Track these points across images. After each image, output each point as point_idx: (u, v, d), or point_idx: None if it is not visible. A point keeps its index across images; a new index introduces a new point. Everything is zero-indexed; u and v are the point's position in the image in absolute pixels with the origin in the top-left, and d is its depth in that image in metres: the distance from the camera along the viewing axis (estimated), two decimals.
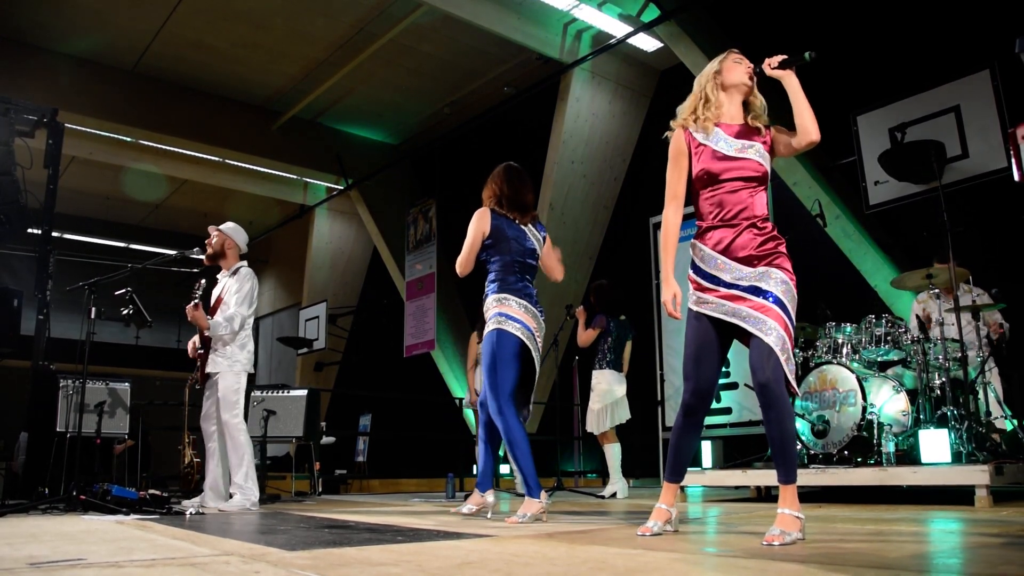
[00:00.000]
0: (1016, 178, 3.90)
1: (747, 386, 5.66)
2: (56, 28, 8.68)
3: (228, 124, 10.61)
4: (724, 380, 6.26)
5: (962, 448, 3.93)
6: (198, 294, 4.58)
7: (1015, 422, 4.51)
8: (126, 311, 4.84)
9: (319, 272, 13.32)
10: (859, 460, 4.22)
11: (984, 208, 5.77)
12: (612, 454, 5.63)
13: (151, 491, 4.29)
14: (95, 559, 2.01)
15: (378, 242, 12.00)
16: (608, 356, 5.66)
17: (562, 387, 8.45)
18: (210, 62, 9.56)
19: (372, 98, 10.51)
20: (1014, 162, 3.98)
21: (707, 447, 5.85)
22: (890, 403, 4.38)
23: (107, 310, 4.78)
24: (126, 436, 6.57)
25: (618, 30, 8.21)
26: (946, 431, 3.93)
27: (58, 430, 5.42)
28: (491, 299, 3.44)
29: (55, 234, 5.55)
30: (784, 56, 2.48)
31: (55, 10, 8.31)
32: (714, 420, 6.33)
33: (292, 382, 12.88)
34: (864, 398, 4.26)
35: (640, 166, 9.23)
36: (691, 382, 2.46)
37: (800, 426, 4.45)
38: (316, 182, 12.56)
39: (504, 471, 8.12)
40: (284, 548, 2.23)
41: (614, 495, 5.50)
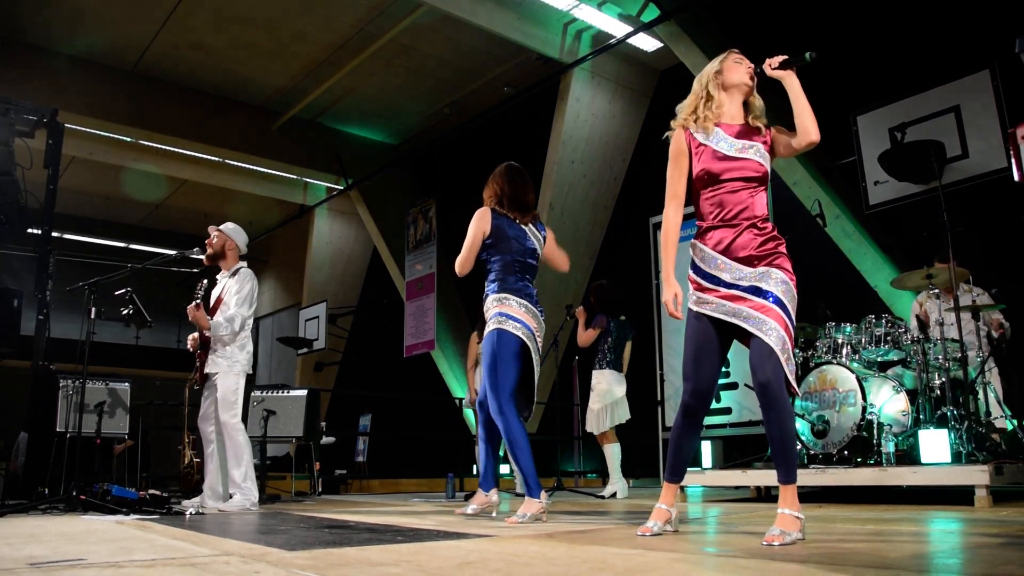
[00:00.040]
0: (1016, 178, 3.91)
1: (747, 386, 5.66)
2: (56, 28, 8.68)
3: (228, 124, 10.61)
4: (724, 380, 6.26)
5: (962, 448, 3.93)
6: (200, 294, 4.58)
7: (1015, 422, 4.51)
8: (126, 311, 4.85)
9: (319, 272, 13.32)
10: (859, 460, 4.22)
11: (984, 208, 5.77)
12: (612, 454, 5.64)
13: (151, 491, 4.29)
14: (95, 559, 2.01)
15: (378, 242, 12.00)
16: (608, 356, 5.66)
17: (562, 387, 8.45)
18: (210, 62, 9.56)
19: (372, 98, 10.51)
20: (1014, 162, 3.98)
21: (707, 447, 5.84)
22: (890, 403, 4.38)
23: (107, 310, 4.78)
24: (126, 436, 6.58)
25: (618, 30, 8.21)
26: (946, 431, 3.94)
27: (58, 430, 5.43)
28: (491, 299, 3.44)
29: (55, 234, 5.55)
30: (784, 56, 2.48)
31: (55, 10, 8.32)
32: (714, 420, 6.33)
33: (292, 382, 12.88)
34: (864, 398, 4.26)
35: (640, 166, 9.23)
36: (690, 383, 2.45)
37: (800, 426, 4.45)
38: (316, 182, 12.57)
39: (504, 471, 8.12)
40: (284, 548, 2.23)
41: (614, 495, 5.51)
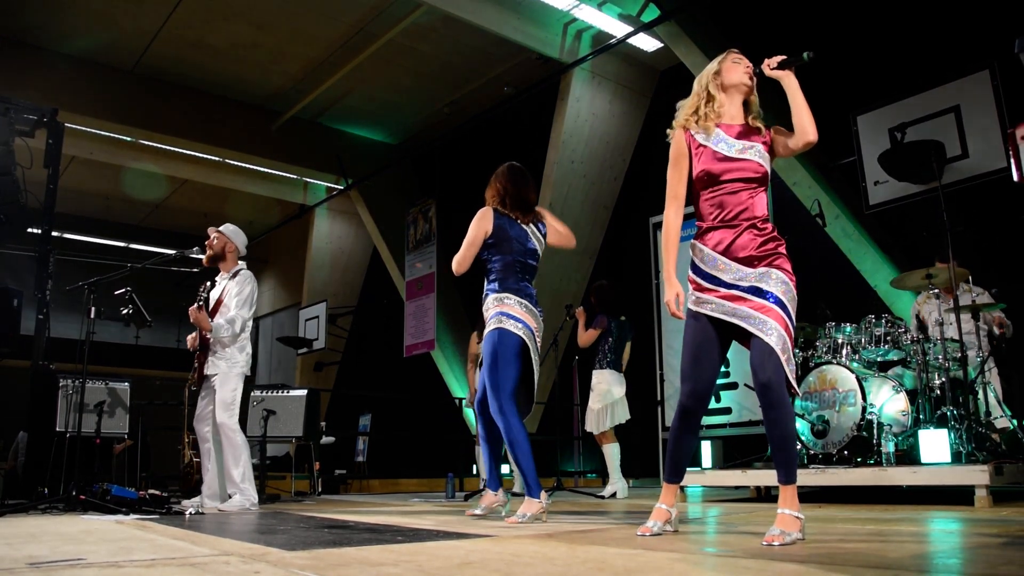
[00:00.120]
0: (1016, 178, 3.91)
1: (747, 386, 5.66)
2: (56, 28, 8.68)
3: (228, 124, 10.61)
4: (724, 380, 6.26)
5: (962, 448, 3.93)
6: (203, 296, 4.58)
7: (1015, 422, 4.51)
8: (126, 311, 4.85)
9: (319, 272, 13.32)
10: (859, 460, 4.22)
11: (984, 208, 5.77)
12: (611, 454, 5.64)
13: (151, 491, 4.29)
14: (95, 559, 2.01)
15: (378, 242, 12.00)
16: (608, 356, 5.66)
17: (562, 387, 8.45)
18: (210, 62, 9.56)
19: (372, 98, 10.50)
20: (1013, 162, 3.99)
21: (707, 447, 5.84)
22: (890, 403, 4.38)
23: (107, 310, 4.78)
24: (126, 436, 6.58)
25: (618, 30, 8.21)
26: (946, 431, 3.93)
27: (58, 430, 5.42)
28: (491, 298, 3.44)
29: (55, 234, 5.54)
30: (783, 56, 2.49)
31: (55, 10, 8.32)
32: (714, 420, 6.33)
33: (292, 382, 12.88)
34: (864, 398, 4.25)
35: (640, 166, 9.22)
36: (689, 383, 2.45)
37: (800, 426, 4.45)
38: (316, 182, 12.57)
39: (504, 471, 8.11)
40: (284, 548, 2.23)
41: (614, 495, 5.51)
